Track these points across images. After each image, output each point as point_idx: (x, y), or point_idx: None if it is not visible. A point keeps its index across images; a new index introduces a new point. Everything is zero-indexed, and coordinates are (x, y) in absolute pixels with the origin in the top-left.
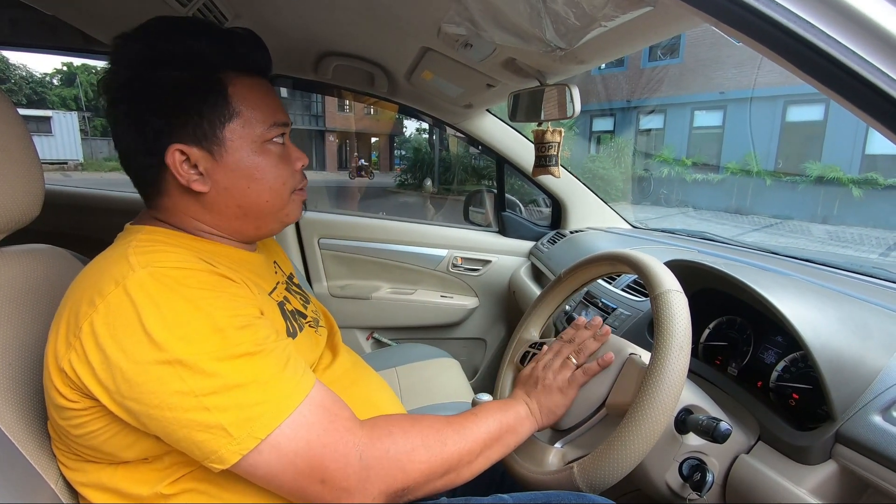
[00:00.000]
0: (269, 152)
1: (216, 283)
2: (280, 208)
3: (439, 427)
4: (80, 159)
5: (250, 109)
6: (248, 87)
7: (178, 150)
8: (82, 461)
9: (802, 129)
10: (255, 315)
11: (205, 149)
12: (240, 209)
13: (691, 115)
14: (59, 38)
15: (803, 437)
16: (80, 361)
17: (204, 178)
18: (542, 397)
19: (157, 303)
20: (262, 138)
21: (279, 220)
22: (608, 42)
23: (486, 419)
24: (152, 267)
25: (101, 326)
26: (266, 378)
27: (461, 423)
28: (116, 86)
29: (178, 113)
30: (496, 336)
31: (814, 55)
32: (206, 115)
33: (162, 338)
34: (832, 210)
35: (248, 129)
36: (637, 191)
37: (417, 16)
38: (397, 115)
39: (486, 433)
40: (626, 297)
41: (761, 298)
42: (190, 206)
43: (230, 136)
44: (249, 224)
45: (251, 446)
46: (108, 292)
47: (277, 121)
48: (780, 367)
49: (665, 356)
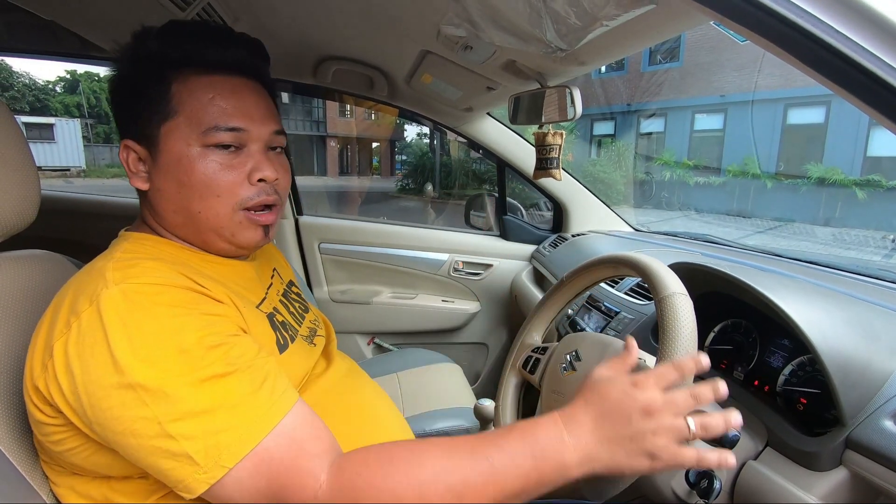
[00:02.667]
0: (210, 159)
1: (190, 301)
2: (220, 225)
3: (438, 462)
4: (83, 166)
5: (193, 108)
6: (197, 87)
7: (126, 145)
8: (68, 475)
9: (803, 132)
10: (231, 333)
11: (145, 146)
12: (176, 215)
13: (692, 118)
14: (58, 43)
15: (812, 442)
16: (53, 382)
17: (148, 177)
18: (619, 447)
19: (126, 323)
20: (200, 142)
21: (225, 240)
22: (609, 42)
23: (513, 453)
24: (126, 283)
25: (72, 347)
26: (235, 401)
27: (471, 458)
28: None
29: (124, 109)
30: (498, 340)
31: (820, 50)
32: (144, 112)
33: (125, 361)
34: (834, 212)
35: (185, 129)
36: (639, 194)
37: (416, 18)
38: (398, 119)
39: (512, 475)
40: (629, 300)
41: (768, 301)
42: (146, 206)
43: (165, 136)
44: (193, 234)
45: (219, 476)
46: (82, 311)
47: (222, 124)
48: (787, 371)
49: (671, 360)
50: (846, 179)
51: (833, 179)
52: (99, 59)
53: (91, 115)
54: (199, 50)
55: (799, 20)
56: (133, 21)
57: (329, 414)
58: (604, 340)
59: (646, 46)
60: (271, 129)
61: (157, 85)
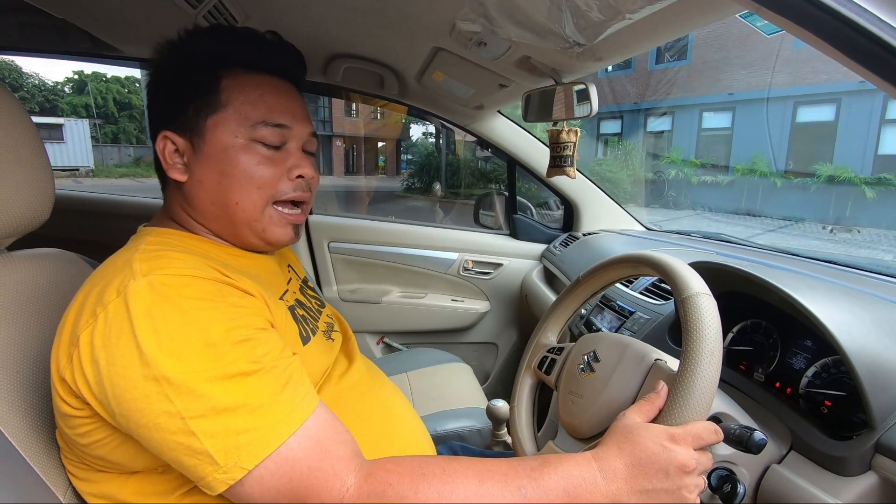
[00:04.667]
0: (255, 151)
1: (218, 292)
2: (254, 218)
3: (470, 486)
4: (91, 166)
5: (241, 104)
6: (248, 84)
7: (165, 136)
8: (92, 471)
9: (813, 130)
10: (259, 327)
11: (187, 138)
12: (213, 207)
13: (700, 116)
14: (69, 42)
15: (840, 446)
16: (79, 373)
17: (185, 168)
18: (652, 499)
19: (153, 314)
20: (246, 136)
21: (256, 234)
22: (628, 37)
23: (547, 487)
24: (153, 275)
25: (98, 337)
26: (259, 402)
27: (504, 488)
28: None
29: (171, 100)
30: (508, 340)
31: (863, 40)
32: (193, 103)
33: (151, 353)
34: (844, 211)
35: (233, 123)
36: (650, 193)
37: (430, 14)
38: (405, 118)
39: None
40: (644, 300)
41: (793, 301)
42: (177, 199)
43: (212, 128)
44: (227, 227)
45: (238, 476)
46: (109, 302)
47: (270, 120)
48: (810, 372)
49: (696, 362)
50: (857, 178)
51: (843, 178)
52: (110, 58)
53: (99, 115)
54: (252, 52)
55: (840, 7)
56: (144, 19)
57: (351, 413)
58: (623, 341)
59: (666, 41)
60: (309, 130)
61: (208, 80)
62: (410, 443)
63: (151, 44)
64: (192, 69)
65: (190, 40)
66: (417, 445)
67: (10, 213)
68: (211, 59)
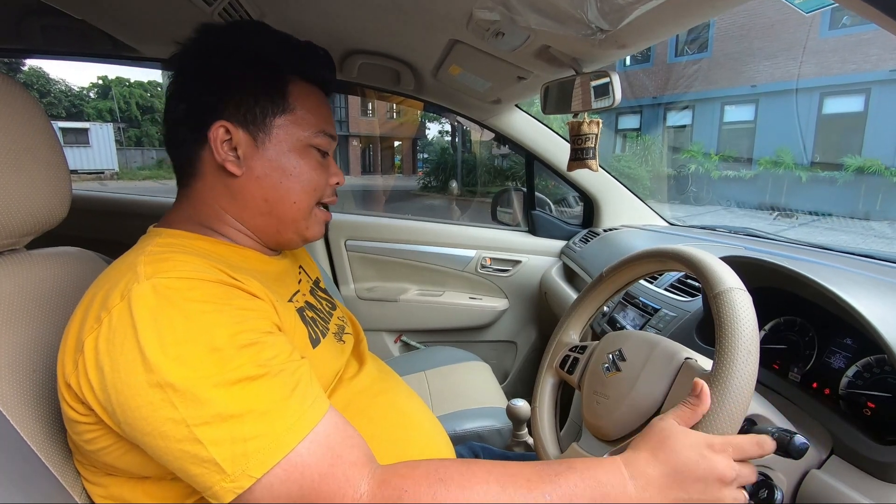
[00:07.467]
0: (310, 156)
1: (223, 295)
2: (303, 217)
3: (491, 491)
4: (116, 169)
5: (304, 111)
6: (308, 93)
7: (223, 126)
8: (102, 475)
9: (841, 122)
10: (266, 330)
11: (250, 133)
12: (266, 203)
13: (721, 110)
14: (90, 44)
15: (887, 451)
16: (84, 379)
17: (240, 161)
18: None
19: (156, 319)
20: (307, 141)
21: (298, 232)
22: (654, 20)
23: (572, 494)
24: (157, 278)
25: (102, 342)
26: (266, 407)
27: (527, 494)
28: (182, 60)
29: (233, 92)
30: (527, 339)
31: None
32: (261, 101)
33: (155, 358)
34: (875, 205)
35: (297, 127)
36: (671, 188)
37: (446, 6)
38: (422, 115)
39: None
40: (670, 297)
41: (833, 296)
42: (219, 191)
43: (278, 128)
44: (271, 224)
45: (246, 485)
46: (113, 306)
47: (326, 130)
48: (850, 372)
49: (732, 361)
50: (887, 171)
51: (872, 170)
52: (130, 58)
53: (123, 119)
54: (312, 64)
55: None
56: (160, 18)
57: (363, 416)
58: (650, 339)
59: (694, 24)
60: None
61: (279, 82)
62: (427, 446)
63: (169, 44)
64: (263, 68)
65: (256, 41)
66: (435, 448)
67: (27, 212)
68: (279, 63)
